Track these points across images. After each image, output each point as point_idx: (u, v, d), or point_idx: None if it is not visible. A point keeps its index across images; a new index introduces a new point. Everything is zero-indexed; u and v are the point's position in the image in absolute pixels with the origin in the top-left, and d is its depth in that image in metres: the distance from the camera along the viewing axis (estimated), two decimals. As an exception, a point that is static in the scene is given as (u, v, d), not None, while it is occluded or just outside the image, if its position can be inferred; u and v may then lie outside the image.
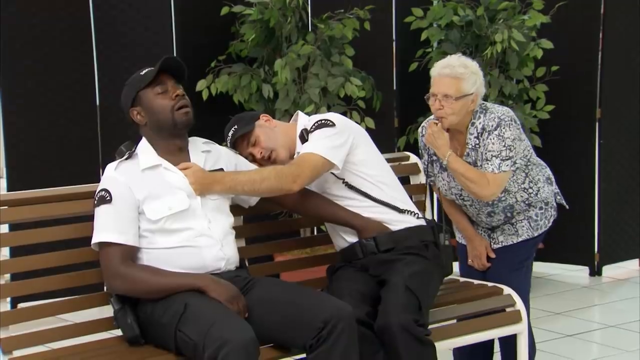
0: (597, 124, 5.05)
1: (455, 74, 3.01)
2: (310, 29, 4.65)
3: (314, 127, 2.86)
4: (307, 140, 2.86)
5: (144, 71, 2.67)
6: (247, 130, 2.90)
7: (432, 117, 3.16)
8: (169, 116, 2.63)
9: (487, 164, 3.03)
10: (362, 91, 4.46)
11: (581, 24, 4.96)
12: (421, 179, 3.33)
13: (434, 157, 3.18)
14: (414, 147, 4.56)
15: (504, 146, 3.02)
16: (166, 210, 2.59)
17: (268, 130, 2.93)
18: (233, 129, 2.93)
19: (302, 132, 2.91)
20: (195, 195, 2.64)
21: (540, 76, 4.74)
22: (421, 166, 3.32)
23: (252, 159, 2.93)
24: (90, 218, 2.62)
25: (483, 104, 3.10)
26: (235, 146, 2.94)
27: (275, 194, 2.79)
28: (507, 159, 3.03)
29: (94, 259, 2.63)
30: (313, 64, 4.36)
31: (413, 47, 4.78)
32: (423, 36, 4.65)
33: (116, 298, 2.58)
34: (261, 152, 2.90)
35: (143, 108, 2.65)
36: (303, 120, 2.97)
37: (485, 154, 3.03)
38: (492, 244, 3.23)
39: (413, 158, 3.37)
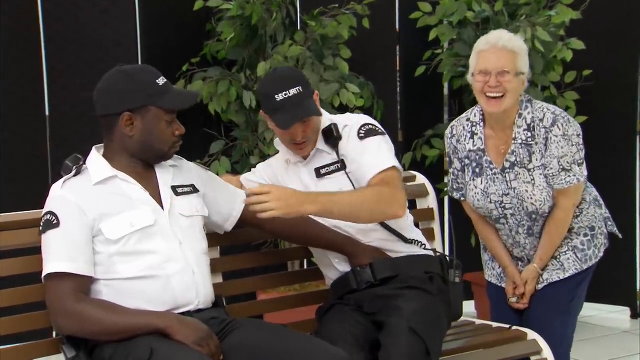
0: (637, 137, 5.09)
1: (512, 48, 3.06)
2: (299, 27, 4.69)
3: (363, 132, 2.89)
4: (335, 138, 2.87)
5: (161, 81, 2.66)
6: (319, 114, 2.87)
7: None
8: (165, 149, 2.68)
9: (569, 175, 3.09)
10: (360, 99, 4.49)
11: (617, 21, 5.00)
12: (429, 202, 3.35)
13: (466, 162, 3.21)
14: (420, 165, 4.60)
15: (575, 146, 3.09)
16: (128, 228, 2.59)
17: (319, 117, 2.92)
18: (298, 88, 2.82)
19: (331, 127, 2.89)
20: (162, 210, 2.65)
21: (570, 82, 4.78)
22: (429, 187, 3.34)
23: (280, 131, 2.86)
24: (38, 250, 2.62)
25: (524, 93, 3.14)
26: (288, 111, 2.81)
27: (377, 219, 2.84)
28: (582, 162, 3.12)
29: (41, 299, 2.61)
30: (303, 68, 4.39)
31: (420, 48, 4.81)
32: (432, 35, 4.67)
33: (69, 345, 2.57)
34: (304, 135, 2.87)
35: (142, 123, 2.64)
36: (329, 115, 2.98)
37: (560, 161, 3.08)
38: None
39: (420, 178, 3.39)
